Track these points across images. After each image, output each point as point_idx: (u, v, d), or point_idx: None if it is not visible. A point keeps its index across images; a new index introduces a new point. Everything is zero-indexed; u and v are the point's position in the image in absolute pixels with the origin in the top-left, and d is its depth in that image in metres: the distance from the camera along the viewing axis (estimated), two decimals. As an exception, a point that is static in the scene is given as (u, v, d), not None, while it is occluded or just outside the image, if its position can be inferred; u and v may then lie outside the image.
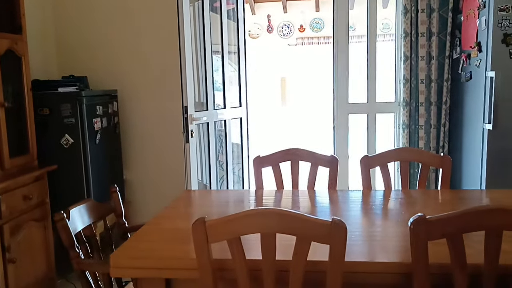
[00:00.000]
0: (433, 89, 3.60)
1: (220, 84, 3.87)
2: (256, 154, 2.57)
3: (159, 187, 4.04)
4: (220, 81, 3.88)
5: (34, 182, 2.99)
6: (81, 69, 3.89)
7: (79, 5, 3.89)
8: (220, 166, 4.20)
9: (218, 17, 3.77)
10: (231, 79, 3.97)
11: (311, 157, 2.52)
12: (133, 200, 4.07)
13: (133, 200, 4.07)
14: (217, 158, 3.96)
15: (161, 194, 4.03)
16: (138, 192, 4.07)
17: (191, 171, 3.47)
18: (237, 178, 4.37)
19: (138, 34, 3.87)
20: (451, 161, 2.38)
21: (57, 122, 3.29)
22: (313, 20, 7.88)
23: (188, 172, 3.51)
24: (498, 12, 2.89)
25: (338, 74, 3.85)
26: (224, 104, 3.77)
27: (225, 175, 4.07)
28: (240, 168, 4.36)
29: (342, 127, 3.92)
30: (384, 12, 7.04)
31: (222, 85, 3.84)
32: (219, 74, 3.86)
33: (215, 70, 3.76)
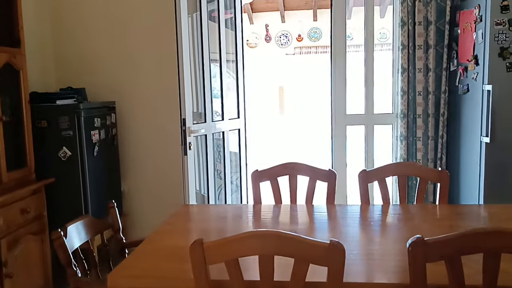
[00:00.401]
0: (431, 101, 3.61)
1: (218, 91, 3.87)
2: (254, 163, 2.57)
3: (157, 199, 4.03)
4: (218, 88, 3.88)
5: (31, 195, 2.98)
6: (79, 81, 3.89)
7: (77, 17, 3.90)
8: (218, 175, 4.19)
9: (216, 25, 3.78)
10: (229, 86, 3.98)
11: (309, 171, 2.52)
12: (131, 212, 4.06)
13: (131, 212, 4.06)
14: (215, 168, 3.96)
15: (158, 206, 4.03)
16: (136, 204, 4.07)
17: (189, 183, 3.46)
18: (235, 187, 4.37)
19: (136, 46, 3.88)
20: (449, 176, 2.38)
21: (55, 134, 3.29)
22: (310, 30, 7.92)
23: (186, 184, 3.50)
24: (495, 26, 2.91)
25: (335, 85, 3.86)
26: (222, 116, 3.78)
27: (223, 184, 4.06)
28: (238, 177, 4.35)
29: (340, 139, 3.93)
30: (382, 22, 7.08)
31: (220, 92, 3.84)
32: (217, 81, 3.87)
33: (213, 77, 3.77)
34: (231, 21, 3.96)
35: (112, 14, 3.86)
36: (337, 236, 1.92)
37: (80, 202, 3.35)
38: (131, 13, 3.84)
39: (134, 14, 3.84)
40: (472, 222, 2.08)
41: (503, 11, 2.89)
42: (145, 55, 3.88)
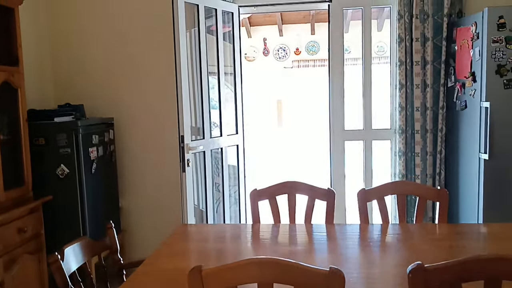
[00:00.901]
0: (429, 116, 3.61)
1: (216, 102, 3.87)
2: (253, 177, 2.56)
3: (155, 215, 4.02)
4: (216, 99, 3.88)
5: (29, 214, 2.96)
6: (77, 97, 3.89)
7: (76, 34, 3.91)
8: (217, 188, 4.18)
9: (214, 39, 3.79)
10: (227, 97, 3.97)
11: (308, 190, 2.51)
12: (129, 229, 4.04)
13: (129, 228, 4.04)
14: (213, 183, 3.94)
15: (157, 222, 4.01)
16: (134, 220, 4.05)
17: (188, 199, 3.45)
18: (233, 200, 4.35)
19: (134, 62, 3.89)
20: (448, 194, 2.37)
21: (52, 152, 3.28)
22: (308, 43, 7.95)
23: (184, 201, 3.49)
24: (492, 44, 2.93)
25: (334, 101, 3.87)
26: (221, 132, 3.77)
27: (221, 197, 4.05)
28: (237, 190, 4.33)
29: (339, 154, 3.92)
30: (379, 35, 7.12)
31: (218, 103, 3.83)
32: (215, 92, 3.87)
33: (211, 88, 3.77)
34: (229, 35, 3.97)
35: (111, 30, 3.88)
36: (337, 258, 1.91)
37: (78, 219, 3.34)
38: (130, 30, 3.86)
39: (132, 30, 3.86)
40: (472, 242, 2.07)
41: (499, 29, 2.91)
42: (143, 72, 3.89)
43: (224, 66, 3.86)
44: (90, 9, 3.88)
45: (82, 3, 3.88)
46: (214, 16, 3.72)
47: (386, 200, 2.47)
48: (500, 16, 2.91)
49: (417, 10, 3.54)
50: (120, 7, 3.85)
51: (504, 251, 1.92)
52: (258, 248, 2.08)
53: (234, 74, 3.94)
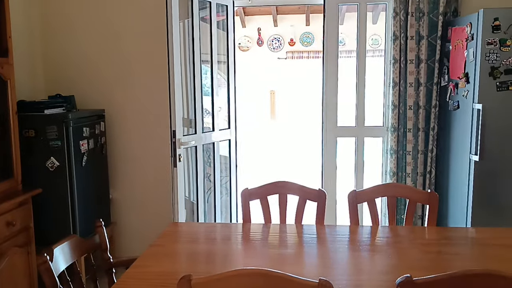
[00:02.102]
0: (421, 115, 3.62)
1: (208, 87, 3.83)
2: (244, 168, 2.55)
3: (146, 207, 4.01)
4: (208, 85, 3.84)
5: (18, 207, 2.94)
6: (68, 87, 3.84)
7: (68, 23, 3.84)
8: (208, 178, 4.17)
9: (208, 26, 3.74)
10: (220, 83, 3.94)
11: (299, 190, 2.51)
12: (119, 221, 4.03)
13: (119, 220, 4.03)
14: (204, 172, 3.92)
15: (147, 214, 4.01)
16: (124, 212, 4.03)
17: (179, 194, 3.44)
18: (224, 190, 4.35)
19: (127, 53, 3.83)
20: (438, 198, 2.39)
21: (42, 144, 3.24)
22: (303, 34, 7.90)
23: (175, 195, 3.48)
24: (486, 46, 2.92)
25: (327, 97, 3.86)
26: (213, 126, 3.75)
27: (213, 187, 4.04)
28: (228, 180, 4.33)
29: (331, 151, 3.93)
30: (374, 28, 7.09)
31: (210, 89, 3.80)
32: (207, 80, 3.83)
33: (203, 76, 3.74)
34: (223, 23, 3.93)
35: (103, 21, 3.82)
36: (326, 263, 1.92)
37: (68, 212, 3.32)
38: (122, 21, 3.80)
39: (125, 21, 3.80)
40: (460, 248, 2.09)
41: (494, 31, 2.91)
42: (135, 64, 3.84)
43: (217, 55, 3.82)
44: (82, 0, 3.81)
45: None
46: (209, 8, 3.67)
47: (377, 199, 2.49)
48: (495, 18, 2.90)
49: (412, 8, 3.52)
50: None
51: (492, 258, 1.94)
52: (248, 250, 2.09)
53: (227, 65, 3.90)
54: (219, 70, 3.90)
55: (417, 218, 3.69)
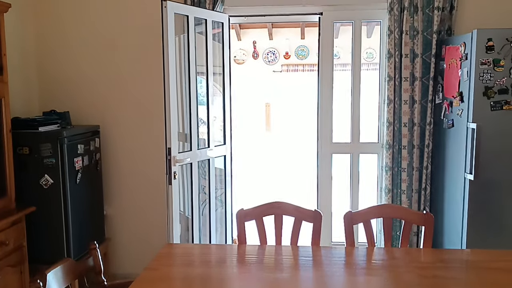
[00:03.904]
0: (416, 132, 3.63)
1: (203, 97, 3.82)
2: (239, 183, 2.53)
3: (140, 223, 3.99)
4: (203, 94, 3.83)
5: (11, 226, 2.92)
6: (63, 103, 3.84)
7: (62, 38, 3.85)
8: (203, 190, 4.15)
9: (204, 38, 3.74)
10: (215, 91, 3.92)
11: (295, 211, 2.51)
12: (113, 237, 4.01)
13: (113, 237, 4.01)
14: (199, 185, 3.89)
15: (141, 230, 3.99)
16: (118, 228, 4.01)
17: (173, 210, 3.41)
18: (219, 203, 4.33)
19: (122, 69, 3.84)
20: (433, 219, 2.39)
21: (36, 162, 3.23)
22: (298, 48, 7.94)
23: (170, 211, 3.45)
24: (480, 66, 2.95)
25: (322, 114, 3.87)
26: (208, 143, 3.74)
27: (208, 200, 4.02)
28: (223, 192, 4.31)
29: (326, 166, 3.93)
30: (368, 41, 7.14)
31: (206, 98, 3.78)
32: (203, 88, 3.82)
33: (199, 89, 3.72)
34: (219, 35, 3.93)
35: (97, 37, 3.82)
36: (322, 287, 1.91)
37: (62, 230, 3.29)
38: (117, 37, 3.81)
39: (120, 39, 3.81)
40: (456, 272, 2.09)
41: (488, 51, 2.93)
42: (130, 79, 3.85)
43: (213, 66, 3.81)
44: (77, 16, 3.81)
45: (69, 10, 3.82)
46: (204, 24, 3.68)
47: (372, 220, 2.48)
48: (488, 39, 2.92)
49: (407, 26, 3.55)
50: (107, 15, 3.79)
51: (488, 283, 1.94)
52: (243, 274, 2.07)
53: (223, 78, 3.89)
54: (214, 82, 3.90)
55: (413, 235, 3.69)
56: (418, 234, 3.69)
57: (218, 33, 3.98)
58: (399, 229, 3.62)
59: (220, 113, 3.93)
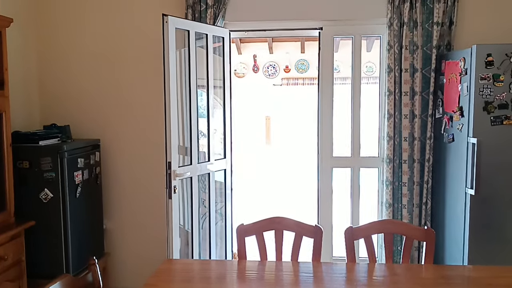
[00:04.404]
0: (416, 146, 3.63)
1: (203, 109, 3.82)
2: (240, 193, 2.51)
3: (140, 237, 3.97)
4: (203, 107, 3.83)
5: (10, 241, 2.90)
6: (64, 117, 3.85)
7: (64, 53, 3.87)
8: (203, 203, 4.14)
9: (204, 52, 3.75)
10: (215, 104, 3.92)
11: (295, 226, 2.50)
12: (113, 251, 3.99)
13: (113, 251, 3.99)
14: (199, 198, 3.88)
15: (141, 244, 3.97)
16: (118, 242, 3.99)
17: (173, 225, 3.40)
18: (219, 216, 4.31)
19: (122, 83, 3.86)
20: (434, 235, 2.38)
21: (36, 176, 3.22)
22: (298, 61, 7.98)
23: (170, 226, 3.44)
24: (480, 81, 2.96)
25: (322, 128, 3.87)
26: (209, 157, 3.74)
27: (208, 213, 4.00)
28: (223, 206, 4.29)
29: (326, 180, 3.92)
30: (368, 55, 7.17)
31: (206, 111, 3.78)
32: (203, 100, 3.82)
33: (199, 100, 3.73)
34: (219, 49, 3.95)
35: (98, 52, 3.85)
36: (323, 305, 1.89)
37: (61, 245, 3.28)
38: (118, 51, 3.83)
39: (120, 52, 3.83)
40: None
41: (487, 66, 2.94)
42: (131, 93, 3.86)
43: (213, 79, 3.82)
44: (78, 30, 3.84)
45: (71, 25, 3.84)
46: (205, 39, 3.70)
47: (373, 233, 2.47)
48: (488, 54, 2.94)
49: (406, 41, 3.57)
50: (108, 30, 3.82)
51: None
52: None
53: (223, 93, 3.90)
54: (215, 95, 3.91)
55: (414, 250, 3.67)
56: (420, 248, 3.67)
57: (219, 47, 4.00)
58: (400, 243, 3.60)
59: (220, 126, 3.93)
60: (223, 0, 3.65)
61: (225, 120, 3.88)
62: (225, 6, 3.67)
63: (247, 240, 2.52)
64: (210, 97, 3.78)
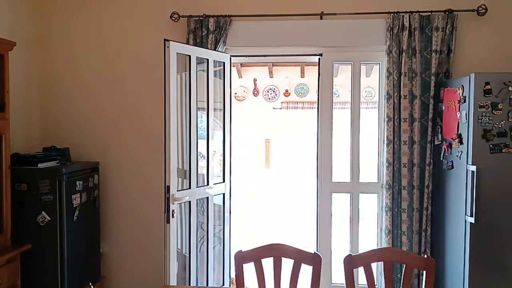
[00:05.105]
0: (416, 173, 3.63)
1: (203, 131, 3.82)
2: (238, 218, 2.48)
3: (137, 261, 3.93)
4: (203, 128, 3.83)
5: (5, 264, 2.88)
6: (63, 139, 3.86)
7: (65, 76, 3.90)
8: (201, 226, 4.10)
9: (205, 75, 3.78)
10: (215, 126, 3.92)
11: (294, 253, 2.47)
12: (109, 275, 3.94)
13: (109, 275, 3.94)
14: (197, 221, 3.85)
15: (138, 268, 3.93)
16: (115, 266, 3.95)
17: (171, 249, 3.37)
18: (217, 240, 4.27)
19: (122, 106, 3.88)
20: (435, 264, 2.35)
21: (34, 198, 3.21)
22: (298, 85, 8.05)
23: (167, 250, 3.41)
24: (478, 109, 2.97)
25: (321, 152, 3.87)
26: (208, 181, 3.73)
27: (206, 236, 3.97)
28: (221, 229, 4.26)
29: (326, 206, 3.90)
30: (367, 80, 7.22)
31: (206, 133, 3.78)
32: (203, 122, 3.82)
33: (199, 121, 3.73)
34: (220, 72, 3.98)
35: (98, 75, 3.89)
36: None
37: (57, 269, 3.24)
38: (118, 75, 3.87)
39: (121, 76, 3.87)
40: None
41: (486, 94, 2.97)
42: (131, 117, 3.88)
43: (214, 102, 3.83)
44: (80, 54, 3.89)
45: (73, 50, 3.90)
46: (206, 63, 3.73)
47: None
48: (486, 82, 2.96)
49: (405, 68, 3.60)
50: (109, 55, 3.87)
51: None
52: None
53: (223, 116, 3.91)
54: (215, 117, 3.92)
55: (414, 278, 3.63)
56: (419, 276, 3.63)
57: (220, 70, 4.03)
58: (400, 271, 3.56)
59: (220, 148, 3.94)
60: (224, 26, 3.70)
61: (224, 142, 3.88)
62: (226, 31, 3.72)
63: (245, 267, 2.49)
64: (210, 119, 3.80)
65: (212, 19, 3.69)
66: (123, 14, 3.84)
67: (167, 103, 3.26)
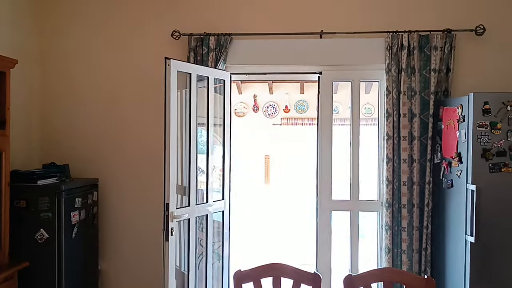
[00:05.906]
0: (415, 191, 3.62)
1: (203, 146, 3.81)
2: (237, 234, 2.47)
3: (135, 279, 3.91)
4: (203, 143, 3.82)
5: (3, 282, 2.85)
6: (63, 156, 3.86)
7: (65, 94, 3.92)
8: (199, 242, 4.08)
9: (205, 90, 3.79)
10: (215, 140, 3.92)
11: (294, 273, 2.46)
12: (107, 294, 3.90)
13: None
14: (196, 237, 3.83)
15: (136, 286, 3.90)
16: (113, 284, 3.93)
17: (169, 267, 3.34)
18: (216, 256, 4.24)
19: (122, 124, 3.89)
20: (435, 284, 2.34)
21: (33, 215, 3.20)
22: (297, 102, 8.10)
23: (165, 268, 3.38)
24: (477, 128, 2.98)
25: (321, 170, 3.87)
26: (207, 199, 3.72)
27: (205, 252, 3.94)
28: (220, 245, 4.23)
29: (325, 224, 3.89)
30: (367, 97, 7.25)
31: (205, 148, 3.78)
32: (203, 136, 3.83)
33: (199, 136, 3.74)
34: (220, 88, 4.00)
35: (100, 94, 3.91)
36: None
37: (54, 286, 3.22)
38: (120, 94, 3.89)
39: (122, 93, 3.89)
40: None
41: (485, 114, 2.98)
42: (130, 134, 3.89)
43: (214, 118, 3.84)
44: (80, 73, 3.92)
45: (72, 68, 3.92)
46: (206, 81, 3.75)
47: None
48: (485, 102, 2.98)
49: (404, 86, 3.62)
50: (110, 73, 3.89)
51: None
52: None
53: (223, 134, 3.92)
54: (215, 133, 3.93)
55: (414, 297, 3.59)
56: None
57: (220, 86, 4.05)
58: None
59: (219, 163, 3.93)
60: (224, 44, 3.73)
61: (224, 158, 3.88)
62: (227, 50, 3.74)
63: (244, 286, 2.47)
64: (210, 134, 3.80)
65: (212, 37, 3.72)
66: (124, 31, 3.87)
67: (167, 122, 3.26)
